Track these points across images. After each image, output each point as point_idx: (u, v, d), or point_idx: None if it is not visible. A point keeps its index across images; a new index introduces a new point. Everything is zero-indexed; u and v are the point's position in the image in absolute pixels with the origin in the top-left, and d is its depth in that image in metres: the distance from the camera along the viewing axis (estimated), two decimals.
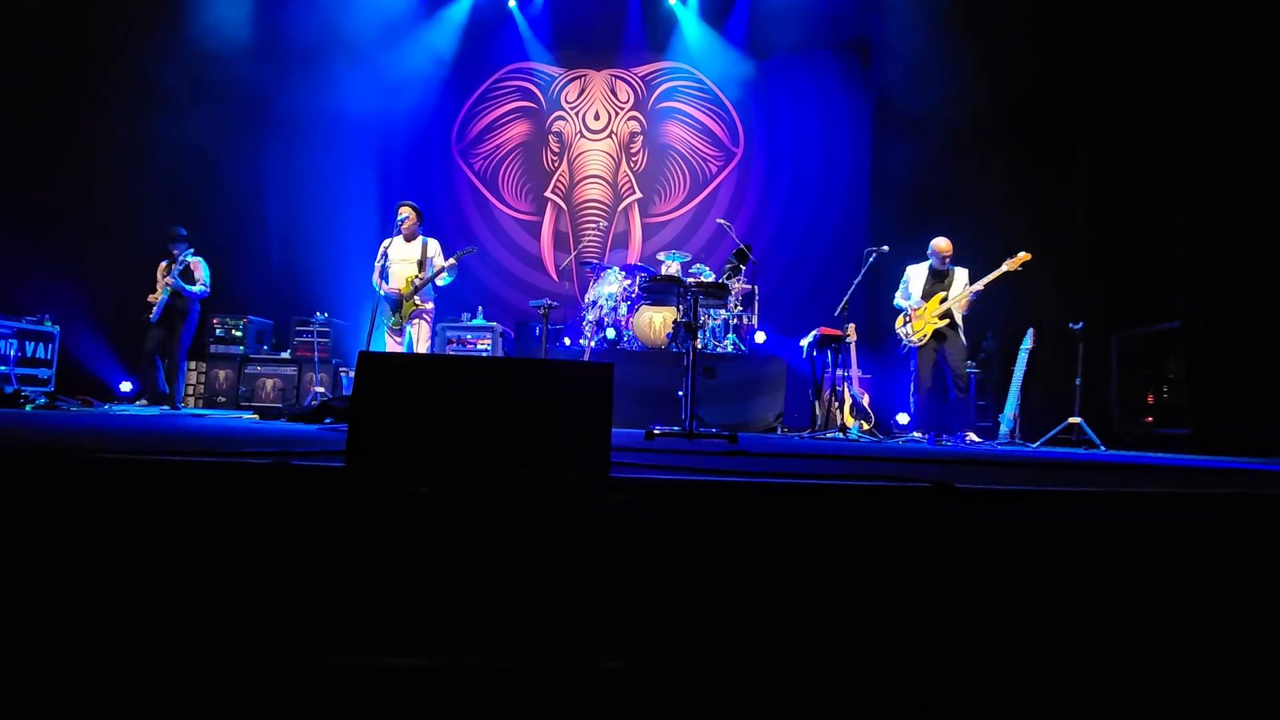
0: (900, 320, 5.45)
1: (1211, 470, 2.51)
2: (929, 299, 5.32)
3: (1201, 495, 1.44)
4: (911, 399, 5.39)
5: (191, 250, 6.25)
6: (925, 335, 5.25)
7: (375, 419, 1.40)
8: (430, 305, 5.54)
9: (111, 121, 7.47)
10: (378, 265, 5.43)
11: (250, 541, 1.25)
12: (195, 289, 6.21)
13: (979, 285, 5.17)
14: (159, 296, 6.12)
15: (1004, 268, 5.11)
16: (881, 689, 1.21)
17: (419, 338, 5.43)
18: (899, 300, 5.53)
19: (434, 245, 5.57)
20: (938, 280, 5.35)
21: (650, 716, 1.19)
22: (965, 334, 5.31)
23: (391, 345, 5.44)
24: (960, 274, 5.31)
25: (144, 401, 6.18)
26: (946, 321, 5.22)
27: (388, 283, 5.44)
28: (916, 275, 5.45)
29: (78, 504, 1.27)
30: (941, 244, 5.33)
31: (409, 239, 5.53)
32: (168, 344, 6.17)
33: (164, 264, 6.27)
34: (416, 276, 5.41)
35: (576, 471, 1.39)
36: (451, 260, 5.47)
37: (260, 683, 1.17)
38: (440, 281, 5.53)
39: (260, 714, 1.17)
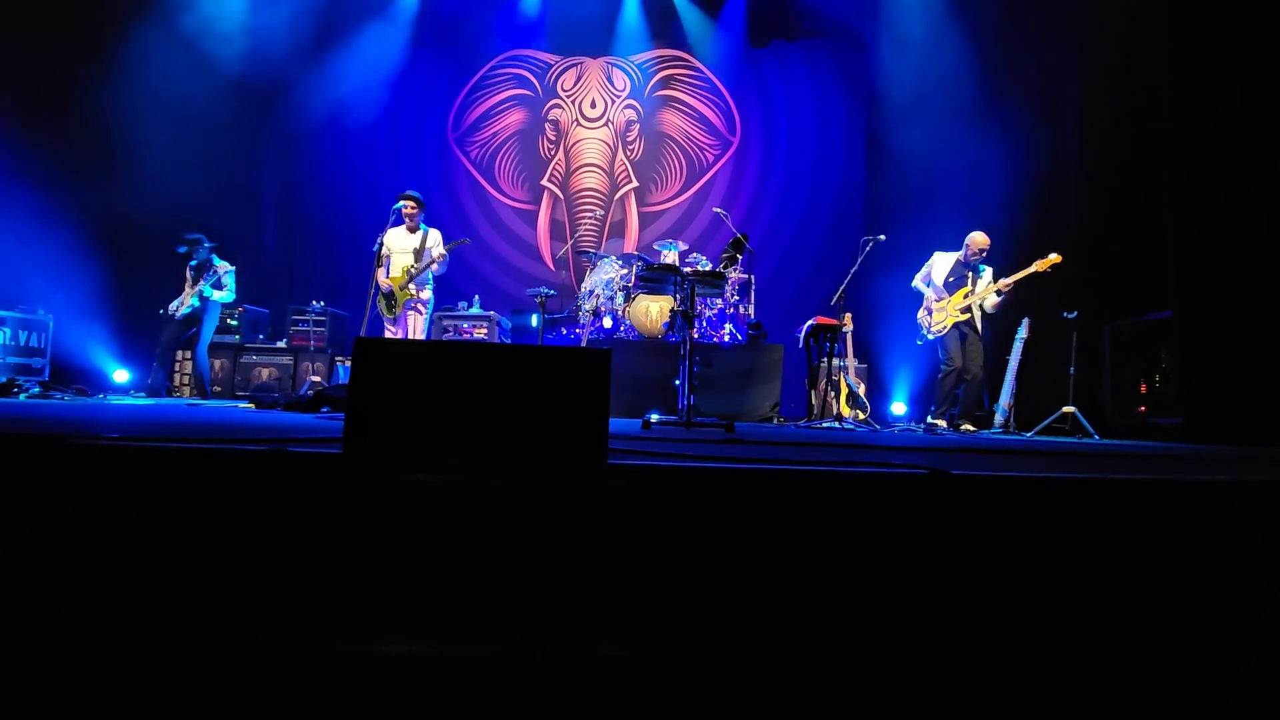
0: (921, 311, 5.43)
1: (1203, 458, 2.53)
2: (953, 292, 5.27)
3: (1194, 482, 1.45)
4: (937, 384, 5.32)
5: (218, 257, 6.31)
6: (945, 327, 5.22)
7: (372, 406, 1.39)
8: (427, 295, 5.54)
9: (104, 110, 7.39)
10: (379, 255, 5.41)
11: (247, 529, 1.25)
12: (225, 296, 6.28)
13: (1006, 283, 5.09)
14: (189, 300, 6.17)
15: (1033, 268, 5.04)
16: (877, 674, 1.23)
17: (413, 330, 5.44)
18: (918, 284, 5.45)
19: (434, 235, 5.55)
20: (964, 276, 5.27)
21: (647, 704, 1.20)
22: (988, 330, 5.28)
23: (389, 336, 5.44)
24: (986, 272, 5.26)
25: (142, 393, 6.20)
26: (967, 317, 5.20)
27: (387, 274, 5.44)
28: (942, 263, 5.35)
29: (74, 491, 1.26)
30: (979, 239, 5.22)
31: (411, 230, 5.52)
32: (190, 340, 6.29)
33: (191, 267, 6.24)
34: (412, 266, 5.41)
35: (574, 459, 1.39)
36: (443, 251, 5.45)
37: (257, 670, 1.18)
38: (434, 270, 5.53)
39: (257, 701, 1.17)
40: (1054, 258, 5.04)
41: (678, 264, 6.25)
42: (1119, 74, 5.68)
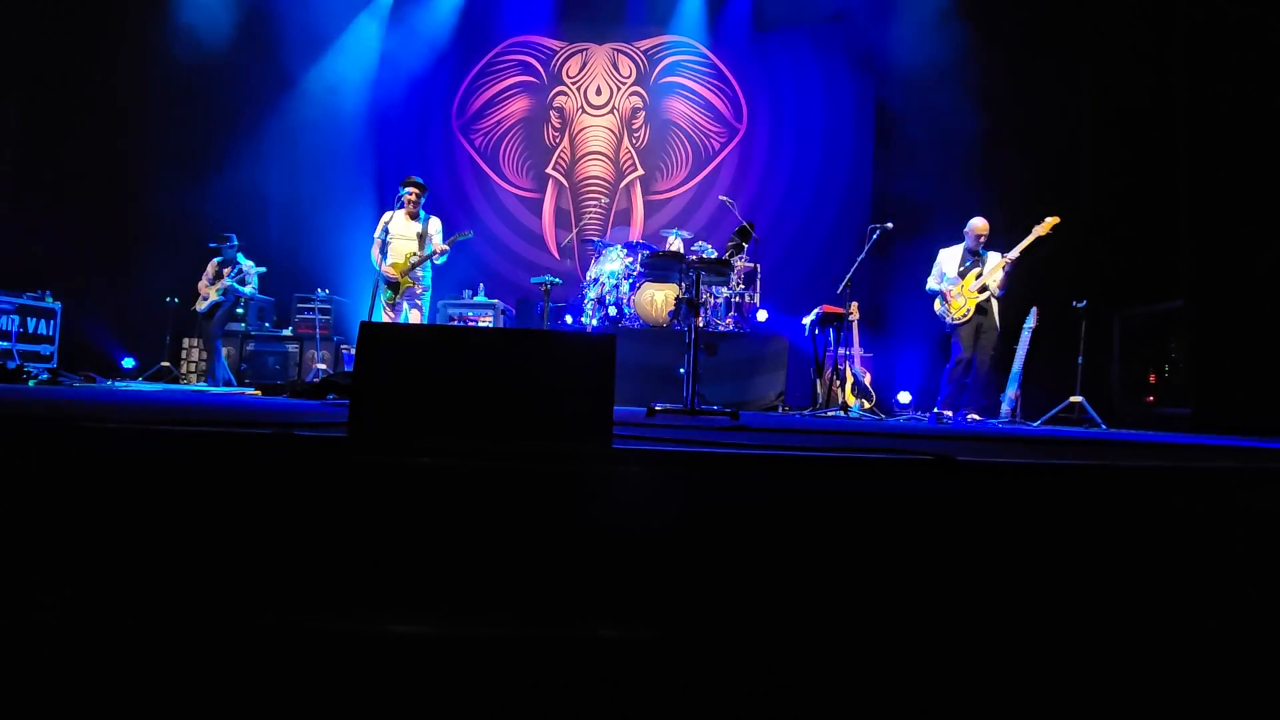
0: (937, 303, 5.44)
1: (1211, 447, 2.51)
2: (964, 278, 5.30)
3: (1201, 469, 1.44)
4: (945, 375, 5.35)
5: (243, 254, 6.58)
6: (968, 311, 5.23)
7: (377, 390, 1.40)
8: (423, 288, 5.54)
9: (111, 97, 7.39)
10: (378, 240, 5.42)
11: (254, 511, 1.26)
12: (248, 291, 6.59)
13: (1013, 254, 5.13)
14: (213, 297, 6.44)
15: (1035, 233, 5.07)
16: (880, 659, 1.23)
17: (412, 321, 5.46)
18: (932, 284, 5.48)
19: (435, 223, 5.55)
20: (972, 261, 5.32)
21: (647, 684, 1.21)
22: (1000, 315, 5.31)
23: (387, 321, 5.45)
24: (993, 256, 5.28)
25: (221, 383, 6.38)
26: (985, 296, 5.22)
27: (386, 259, 5.44)
28: (950, 258, 5.41)
29: (84, 474, 1.27)
30: (978, 224, 5.28)
31: (411, 216, 5.51)
32: (205, 327, 6.52)
33: (214, 262, 6.51)
34: (414, 254, 5.41)
35: (579, 443, 1.39)
36: (445, 245, 5.46)
37: (264, 649, 1.19)
38: (435, 261, 5.54)
39: (263, 679, 1.18)
40: (1051, 220, 5.05)
41: (683, 252, 6.23)
42: (1132, 60, 5.60)
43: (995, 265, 5.21)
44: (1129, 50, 5.62)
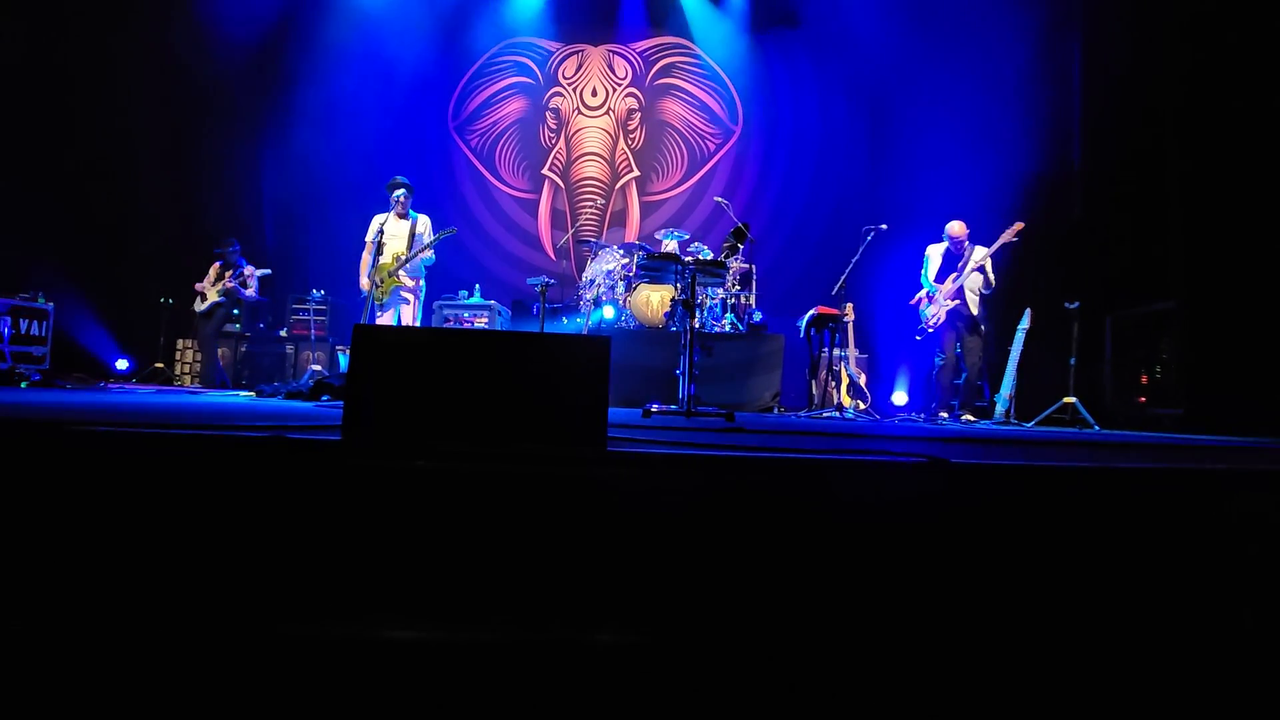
0: (922, 304, 5.56)
1: (1203, 448, 2.53)
2: (943, 281, 5.44)
3: (1194, 470, 1.45)
4: (935, 378, 5.47)
5: (245, 259, 6.66)
6: (940, 319, 5.36)
7: (371, 393, 1.39)
8: (415, 283, 5.54)
9: (105, 98, 7.36)
10: (370, 244, 5.43)
11: (246, 515, 1.26)
12: (250, 295, 6.64)
13: (981, 259, 5.25)
14: (213, 298, 6.50)
15: (1002, 239, 5.22)
16: (876, 660, 1.23)
17: (404, 319, 5.47)
18: (924, 279, 5.63)
19: (423, 221, 5.56)
20: (953, 262, 5.44)
21: (643, 688, 1.21)
22: (990, 323, 5.43)
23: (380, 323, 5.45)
24: (978, 251, 5.39)
25: (216, 384, 6.40)
26: (958, 302, 5.30)
27: (378, 260, 5.46)
28: (935, 256, 5.55)
29: (75, 477, 1.27)
30: (955, 227, 5.43)
31: (401, 215, 5.52)
32: (202, 328, 6.56)
33: (216, 265, 6.58)
34: (401, 254, 5.43)
35: (574, 446, 1.39)
36: (433, 239, 5.46)
37: (258, 654, 1.18)
38: (424, 259, 5.56)
39: (259, 684, 1.18)
40: (1018, 225, 5.23)
41: (678, 253, 6.23)
42: (1124, 64, 5.63)
43: (966, 273, 5.32)
44: (1122, 51, 5.65)
